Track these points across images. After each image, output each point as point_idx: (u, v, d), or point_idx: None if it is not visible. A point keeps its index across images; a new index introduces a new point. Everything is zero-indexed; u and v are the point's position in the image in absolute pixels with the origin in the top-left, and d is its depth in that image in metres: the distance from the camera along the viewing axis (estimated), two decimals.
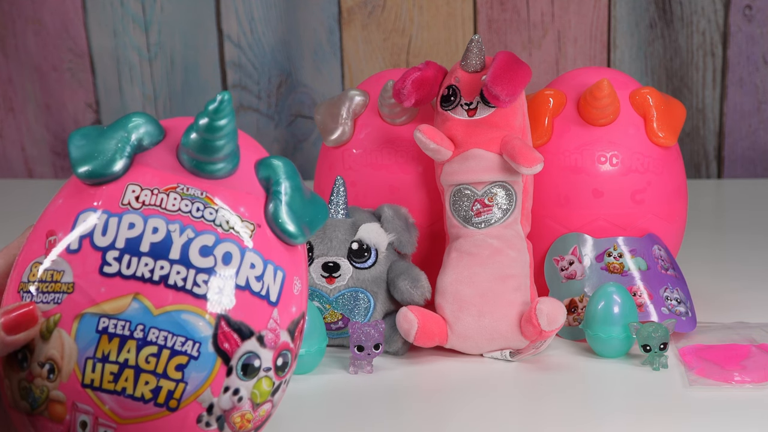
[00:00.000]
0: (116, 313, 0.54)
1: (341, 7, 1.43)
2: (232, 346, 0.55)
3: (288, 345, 0.57)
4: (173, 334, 0.54)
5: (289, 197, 0.58)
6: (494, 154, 0.87)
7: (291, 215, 0.58)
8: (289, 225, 0.58)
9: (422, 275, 0.88)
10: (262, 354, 0.56)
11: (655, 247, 0.92)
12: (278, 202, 0.58)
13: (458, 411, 0.78)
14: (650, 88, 0.94)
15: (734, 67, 1.40)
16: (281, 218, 0.58)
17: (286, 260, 0.58)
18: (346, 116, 0.95)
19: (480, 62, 0.90)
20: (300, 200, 0.59)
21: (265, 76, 1.46)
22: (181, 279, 0.55)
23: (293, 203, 0.58)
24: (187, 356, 0.54)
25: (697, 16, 1.39)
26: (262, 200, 0.58)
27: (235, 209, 0.57)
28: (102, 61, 1.49)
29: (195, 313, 0.54)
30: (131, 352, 0.54)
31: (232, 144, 0.57)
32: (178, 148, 0.57)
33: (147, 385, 0.54)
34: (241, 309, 0.56)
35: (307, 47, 1.45)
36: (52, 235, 0.56)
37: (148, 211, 0.56)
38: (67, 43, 1.48)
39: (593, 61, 1.40)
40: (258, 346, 0.56)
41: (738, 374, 0.81)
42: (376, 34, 1.43)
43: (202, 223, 0.56)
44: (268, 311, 0.56)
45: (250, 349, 0.56)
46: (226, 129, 0.56)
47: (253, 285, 0.56)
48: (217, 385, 0.55)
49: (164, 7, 1.46)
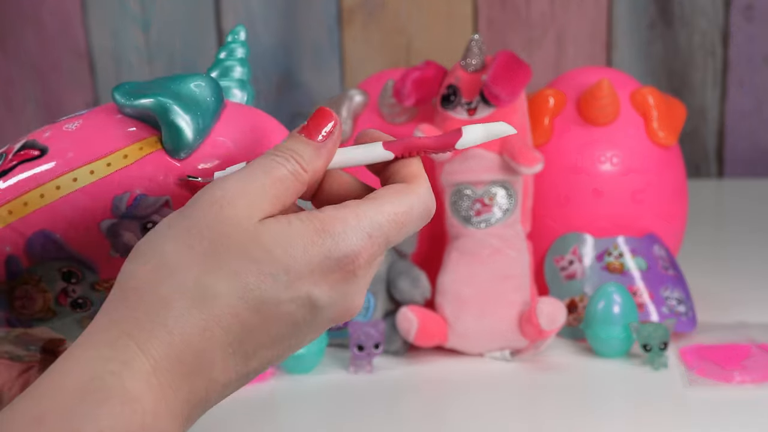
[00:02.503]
0: None
1: (341, 7, 1.43)
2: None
3: (10, 150, 0.55)
4: None
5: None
6: (494, 153, 0.87)
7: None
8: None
9: (422, 275, 0.88)
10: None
11: (655, 246, 0.92)
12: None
13: (458, 411, 0.78)
14: (650, 87, 0.94)
15: (734, 67, 1.40)
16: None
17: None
18: (346, 116, 0.95)
19: (480, 62, 0.90)
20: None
21: (264, 76, 1.46)
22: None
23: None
24: None
25: (697, 16, 1.39)
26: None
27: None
28: (102, 61, 1.48)
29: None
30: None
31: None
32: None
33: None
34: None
35: (307, 47, 1.45)
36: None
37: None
38: (66, 43, 1.48)
39: (593, 61, 1.40)
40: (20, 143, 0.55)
41: (738, 374, 0.81)
42: (376, 34, 1.43)
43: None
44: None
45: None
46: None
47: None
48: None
49: (164, 7, 1.46)
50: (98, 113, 0.55)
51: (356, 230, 0.48)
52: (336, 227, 0.48)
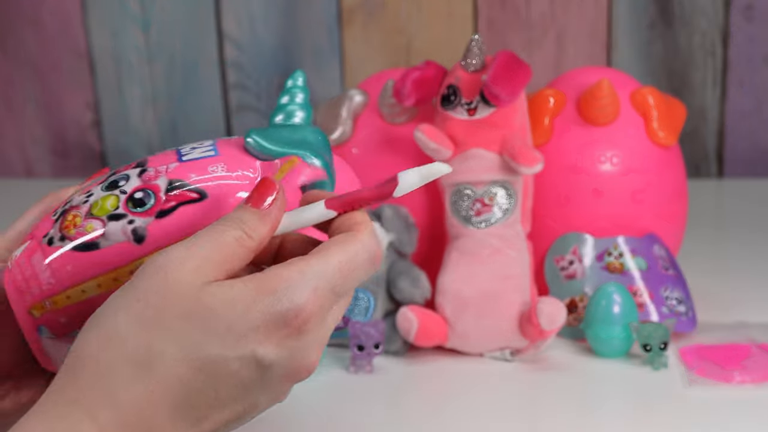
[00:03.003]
0: None
1: (341, 7, 1.43)
2: (124, 169, 0.57)
3: (157, 189, 0.56)
4: None
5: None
6: (494, 153, 0.87)
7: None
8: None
9: (422, 275, 0.88)
10: (131, 180, 0.57)
11: (655, 246, 0.92)
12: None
13: (458, 411, 0.78)
14: (650, 87, 0.94)
15: (734, 67, 1.40)
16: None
17: (225, 149, 0.59)
18: (346, 116, 0.95)
19: (480, 62, 0.90)
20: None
21: (264, 76, 1.46)
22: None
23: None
24: None
25: (697, 16, 1.39)
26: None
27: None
28: (102, 61, 1.48)
29: None
30: None
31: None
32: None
33: None
34: (160, 155, 0.58)
35: (307, 47, 1.45)
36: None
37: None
38: (66, 43, 1.48)
39: (593, 61, 1.40)
40: (137, 173, 0.57)
41: (738, 374, 0.81)
42: (376, 34, 1.43)
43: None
44: (172, 159, 0.57)
45: (128, 173, 0.57)
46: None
47: (186, 147, 0.59)
48: (87, 188, 0.57)
49: (164, 7, 1.46)
50: (233, 154, 0.58)
51: (299, 285, 0.49)
52: (278, 284, 0.49)
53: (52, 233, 0.56)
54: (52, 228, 0.56)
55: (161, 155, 0.59)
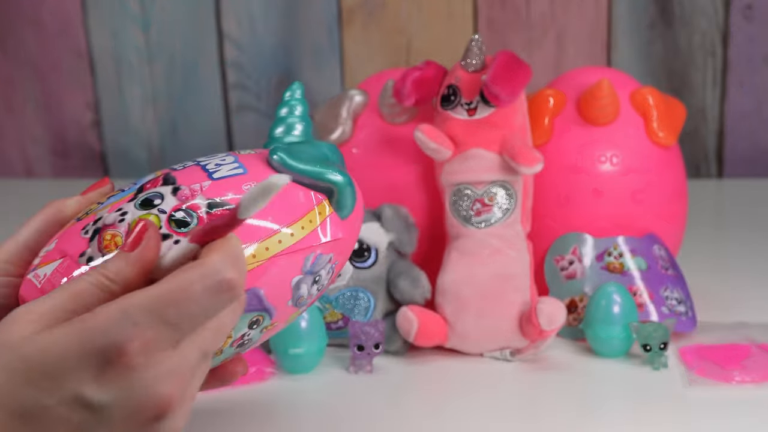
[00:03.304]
0: None
1: (341, 7, 1.43)
2: (151, 185, 0.58)
3: (197, 207, 0.57)
4: None
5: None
6: (494, 153, 0.87)
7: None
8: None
9: (422, 275, 0.88)
10: (167, 199, 0.57)
11: (655, 246, 0.92)
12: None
13: (458, 411, 0.78)
14: (650, 87, 0.94)
15: (734, 67, 1.40)
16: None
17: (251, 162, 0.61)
18: (346, 116, 0.95)
19: (480, 62, 0.90)
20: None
21: (264, 76, 1.46)
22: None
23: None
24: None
25: (697, 16, 1.39)
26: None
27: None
28: (102, 61, 1.49)
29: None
30: None
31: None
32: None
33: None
34: (185, 172, 0.59)
35: (307, 47, 1.45)
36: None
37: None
38: (66, 43, 1.48)
39: (593, 61, 1.40)
40: (170, 191, 0.57)
41: (738, 374, 0.81)
42: (376, 34, 1.43)
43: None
44: (203, 177, 0.58)
45: (160, 191, 0.57)
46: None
47: (209, 162, 0.60)
48: (116, 205, 0.57)
49: (164, 7, 1.46)
50: (260, 171, 0.60)
51: (119, 322, 0.48)
52: (96, 323, 0.48)
53: (90, 252, 0.55)
54: (88, 247, 0.56)
55: (186, 170, 0.59)
